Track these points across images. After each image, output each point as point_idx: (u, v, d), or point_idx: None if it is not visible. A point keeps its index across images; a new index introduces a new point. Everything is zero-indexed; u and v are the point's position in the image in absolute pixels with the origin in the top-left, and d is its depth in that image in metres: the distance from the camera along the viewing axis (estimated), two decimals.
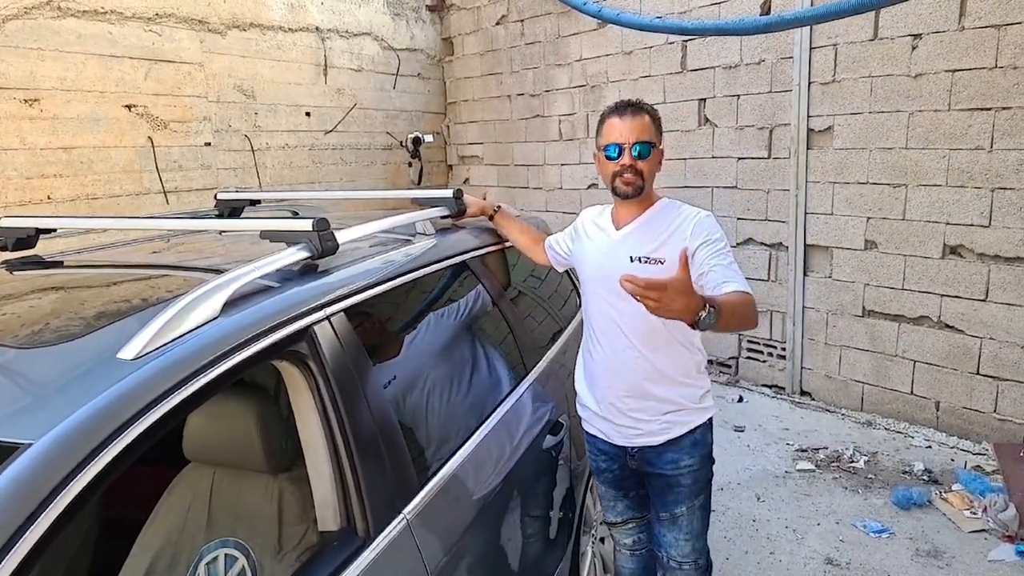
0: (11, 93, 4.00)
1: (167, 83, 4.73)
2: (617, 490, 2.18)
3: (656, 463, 2.03)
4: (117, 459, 1.10)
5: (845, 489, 3.70)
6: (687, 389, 2.01)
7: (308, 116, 5.77)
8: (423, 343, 2.00)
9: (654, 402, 1.98)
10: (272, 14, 5.41)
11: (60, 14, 4.16)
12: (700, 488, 2.05)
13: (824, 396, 4.85)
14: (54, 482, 1.01)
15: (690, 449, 2.02)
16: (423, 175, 6.73)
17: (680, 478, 2.02)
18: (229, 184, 5.14)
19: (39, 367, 1.23)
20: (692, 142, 5.33)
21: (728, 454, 4.14)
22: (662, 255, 1.90)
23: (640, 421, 2.00)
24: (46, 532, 0.97)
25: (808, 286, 4.84)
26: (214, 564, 1.65)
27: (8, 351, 1.28)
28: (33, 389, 1.17)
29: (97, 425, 1.09)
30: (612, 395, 2.02)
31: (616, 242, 2.00)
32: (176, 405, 1.20)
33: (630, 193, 1.95)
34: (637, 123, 1.92)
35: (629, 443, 2.04)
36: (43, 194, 4.17)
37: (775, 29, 4.13)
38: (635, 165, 1.92)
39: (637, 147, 1.91)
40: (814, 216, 4.74)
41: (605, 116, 1.99)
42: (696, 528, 2.05)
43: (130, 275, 1.85)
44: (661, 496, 2.06)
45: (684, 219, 1.95)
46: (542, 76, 6.30)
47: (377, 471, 1.54)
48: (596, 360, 2.06)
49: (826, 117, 4.57)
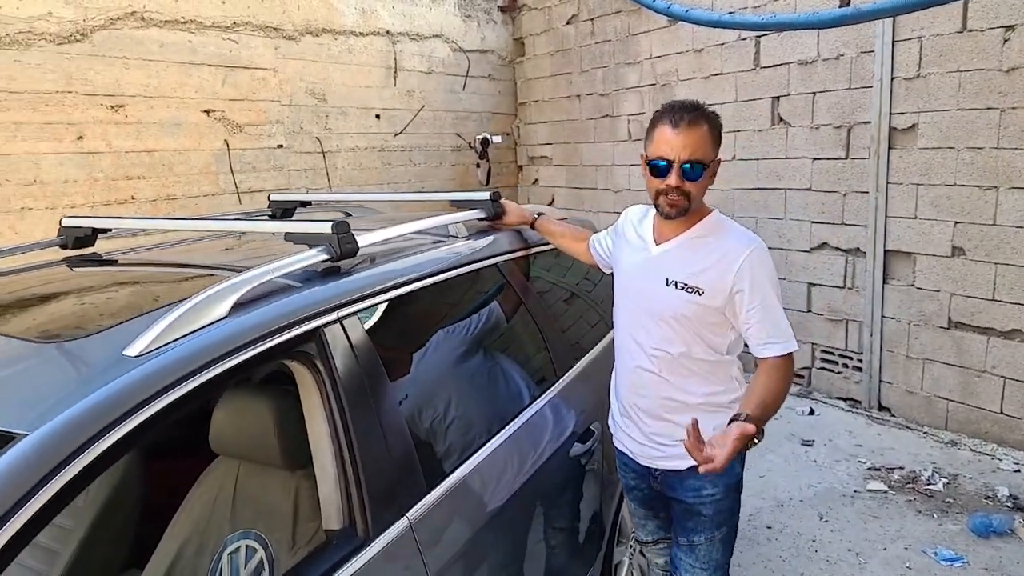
0: (99, 99, 4.25)
1: (243, 88, 4.93)
2: (647, 509, 2.09)
3: (677, 488, 1.91)
4: (109, 452, 1.13)
5: (919, 513, 3.46)
6: (713, 415, 1.81)
7: (378, 118, 5.89)
8: (442, 347, 2.00)
9: (679, 429, 1.77)
10: (344, 19, 5.55)
11: (143, 24, 4.39)
12: (723, 519, 1.92)
13: (904, 412, 4.57)
14: (43, 472, 1.05)
15: (714, 478, 1.84)
16: (491, 176, 6.76)
17: (702, 507, 1.89)
18: (300, 185, 5.30)
19: (51, 361, 1.29)
20: (765, 142, 5.13)
21: (792, 469, 3.96)
22: (702, 284, 1.76)
23: (661, 445, 1.89)
24: (31, 519, 1.01)
25: (888, 294, 4.57)
26: (236, 554, 1.70)
27: (26, 345, 1.35)
28: (40, 382, 1.23)
29: (90, 419, 1.12)
30: (634, 413, 1.94)
31: (654, 259, 1.84)
32: (173, 402, 1.23)
33: (673, 215, 1.76)
34: (692, 136, 1.69)
35: (651, 464, 1.95)
36: (127, 195, 4.42)
37: (853, 21, 3.91)
38: (682, 187, 1.71)
39: (688, 166, 1.69)
40: (895, 220, 4.47)
41: (657, 120, 1.75)
42: (715, 559, 1.93)
43: (162, 274, 1.92)
44: (681, 522, 1.95)
45: (731, 250, 1.76)
46: (611, 75, 6.21)
47: (380, 473, 1.53)
48: (620, 375, 1.98)
49: (910, 115, 4.30)
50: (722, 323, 1.81)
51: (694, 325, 1.79)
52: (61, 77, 4.08)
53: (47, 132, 4.05)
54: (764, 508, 3.55)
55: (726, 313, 1.78)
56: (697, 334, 1.81)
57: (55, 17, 4.03)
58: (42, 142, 4.03)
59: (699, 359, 1.83)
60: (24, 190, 3.99)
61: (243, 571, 1.66)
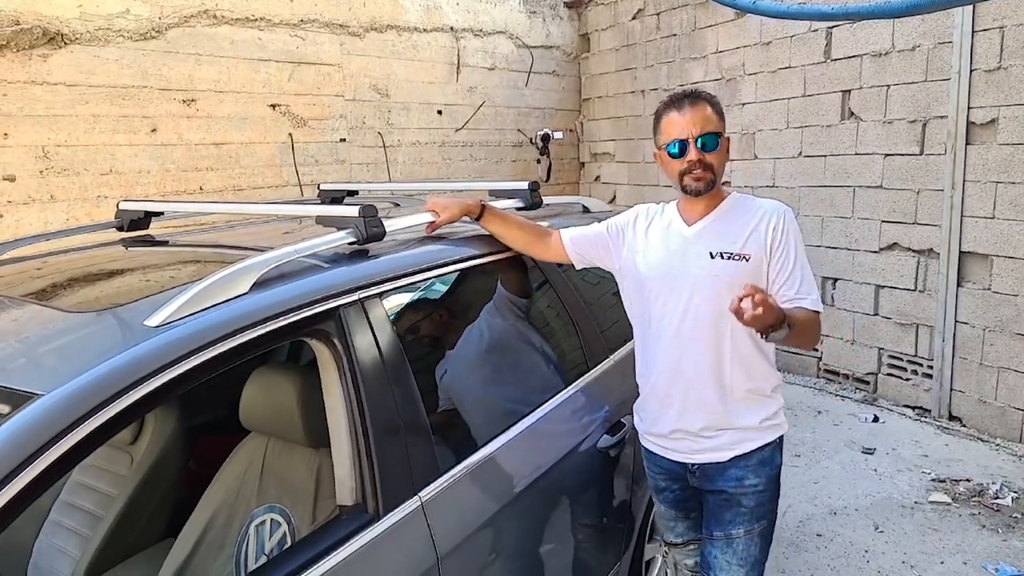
0: (172, 94, 4.46)
1: (308, 83, 5.07)
2: (678, 510, 2.03)
3: (718, 480, 1.86)
4: (121, 415, 1.18)
5: (982, 527, 3.27)
6: (760, 405, 1.84)
7: (439, 114, 5.96)
8: (468, 333, 2.00)
9: (723, 417, 1.82)
10: (408, 16, 5.64)
11: (215, 22, 4.58)
12: (763, 513, 1.87)
13: (976, 423, 4.32)
14: (56, 430, 1.10)
15: (757, 467, 1.84)
16: (552, 172, 6.74)
17: (742, 497, 1.84)
18: (361, 178, 5.42)
19: (78, 329, 1.36)
20: (832, 138, 4.94)
21: (848, 476, 3.80)
22: (746, 251, 1.77)
23: (704, 437, 1.85)
24: (39, 475, 1.07)
25: (962, 298, 4.33)
26: (262, 527, 1.76)
27: (59, 314, 1.43)
28: (64, 347, 1.30)
29: (105, 383, 1.18)
30: (676, 405, 1.87)
31: (691, 238, 1.84)
32: (187, 371, 1.27)
33: (702, 189, 1.80)
34: (699, 114, 1.78)
35: (690, 459, 1.89)
36: (196, 185, 4.62)
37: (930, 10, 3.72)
38: (703, 159, 1.77)
39: (702, 140, 1.77)
40: (972, 220, 4.23)
41: (661, 113, 1.85)
42: (753, 556, 1.87)
43: (203, 254, 2.00)
44: (718, 514, 1.89)
45: (764, 214, 1.81)
46: (676, 70, 6.10)
47: (393, 452, 1.55)
48: (657, 370, 1.89)
49: (989, 108, 4.07)
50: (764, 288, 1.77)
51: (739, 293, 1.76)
52: (137, 72, 4.30)
53: (123, 125, 4.27)
54: (815, 515, 3.42)
55: (768, 275, 1.80)
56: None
57: (133, 15, 4.24)
58: (118, 134, 4.26)
59: (743, 333, 1.77)
60: (101, 179, 4.22)
61: (268, 543, 1.72)
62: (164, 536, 2.04)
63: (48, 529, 2.04)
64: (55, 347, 1.31)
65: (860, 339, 4.95)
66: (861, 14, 4.11)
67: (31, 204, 4.02)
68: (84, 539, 1.99)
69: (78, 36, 4.07)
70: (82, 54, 4.09)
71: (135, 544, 2.01)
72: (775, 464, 1.88)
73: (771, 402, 1.87)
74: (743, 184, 5.59)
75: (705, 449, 1.86)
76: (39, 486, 1.07)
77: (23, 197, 3.99)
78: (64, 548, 2.00)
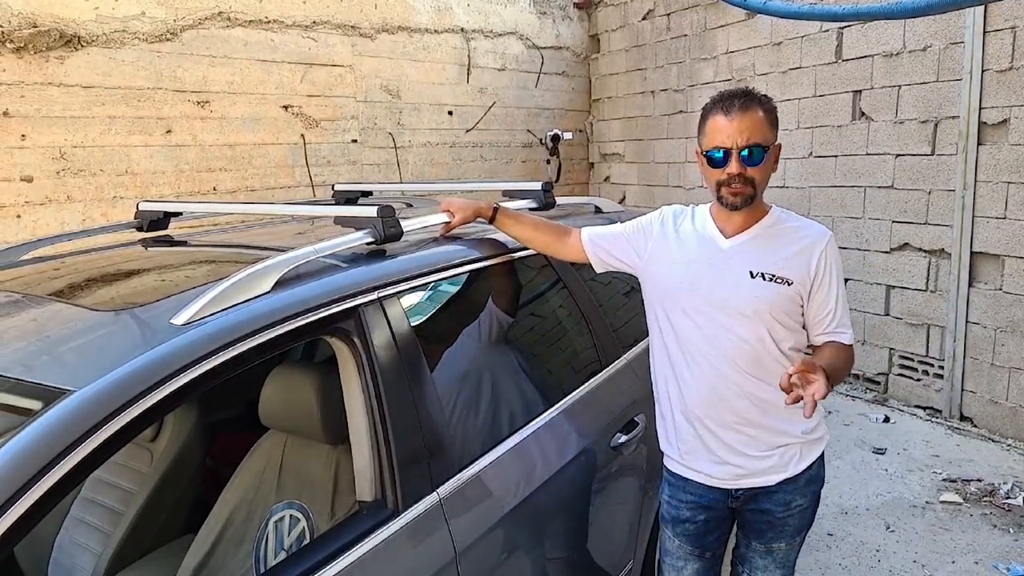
0: (186, 96, 4.50)
1: (320, 85, 5.11)
2: (693, 546, 1.87)
3: (764, 502, 1.78)
4: (148, 412, 1.21)
5: (994, 527, 3.27)
6: (800, 415, 1.68)
7: (450, 115, 5.99)
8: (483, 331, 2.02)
9: (765, 433, 1.72)
10: (419, 17, 5.67)
11: (229, 24, 4.62)
12: (805, 524, 1.84)
13: (987, 423, 4.31)
14: (87, 426, 1.13)
15: (804, 488, 1.77)
16: (562, 172, 6.76)
17: (789, 519, 1.78)
18: (373, 179, 5.45)
19: (105, 327, 1.39)
20: (844, 138, 4.93)
21: (860, 476, 3.80)
22: (788, 275, 1.67)
23: (748, 458, 1.74)
24: (71, 471, 1.09)
25: (973, 298, 4.32)
26: (281, 523, 1.78)
27: (86, 312, 1.46)
28: (93, 345, 1.33)
29: (134, 380, 1.20)
30: (711, 431, 1.75)
31: (728, 253, 1.72)
32: (212, 368, 1.30)
33: (739, 205, 1.66)
34: (748, 121, 1.62)
35: (735, 485, 1.77)
36: (210, 186, 4.66)
37: (941, 10, 3.72)
38: (744, 173, 1.62)
39: (747, 151, 1.62)
40: (983, 220, 4.22)
41: (708, 112, 1.69)
42: (791, 560, 1.87)
43: (221, 254, 2.03)
44: (760, 530, 1.82)
45: (810, 239, 1.71)
46: (686, 71, 6.11)
47: (412, 448, 1.58)
48: (689, 387, 1.77)
49: (1001, 109, 4.06)
50: (801, 313, 1.74)
51: (779, 316, 1.70)
52: (152, 74, 4.34)
53: (138, 126, 4.32)
54: (827, 515, 3.42)
55: (805, 301, 1.72)
56: (781, 325, 1.70)
57: (148, 17, 4.29)
58: (133, 135, 4.30)
59: (783, 351, 1.72)
60: (116, 180, 4.27)
61: (287, 539, 1.74)
62: (184, 532, 2.07)
63: (69, 525, 2.08)
64: (83, 345, 1.33)
65: (871, 339, 4.95)
66: (872, 15, 4.12)
67: (48, 205, 4.07)
68: (105, 535, 2.02)
69: (94, 38, 4.11)
70: (98, 56, 4.14)
71: (155, 540, 2.04)
72: (820, 479, 1.83)
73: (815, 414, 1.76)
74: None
75: (754, 473, 1.75)
76: (73, 479, 1.10)
77: (40, 198, 4.04)
78: (85, 544, 2.03)
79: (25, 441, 1.08)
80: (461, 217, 2.00)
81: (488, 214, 2.03)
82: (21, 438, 1.08)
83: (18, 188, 3.96)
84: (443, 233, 2.01)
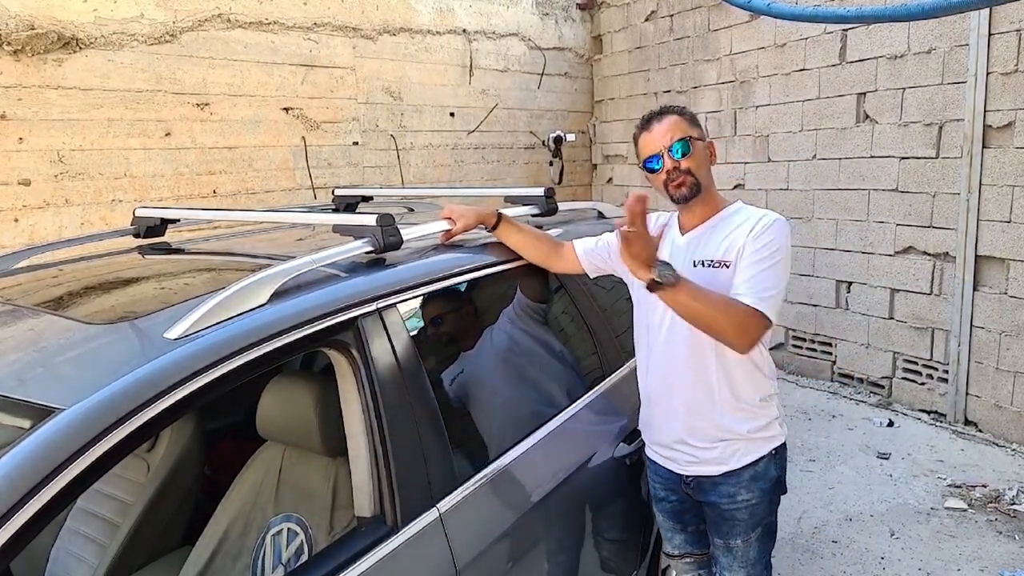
0: (186, 98, 4.47)
1: (321, 87, 5.08)
2: (675, 521, 2.01)
3: (711, 494, 1.87)
4: (141, 430, 1.18)
5: (999, 534, 3.24)
6: (748, 416, 1.81)
7: (452, 116, 5.96)
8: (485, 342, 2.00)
9: (709, 427, 1.81)
10: (421, 19, 5.64)
11: (229, 26, 4.59)
12: (758, 521, 1.87)
13: (992, 427, 4.28)
14: (77, 446, 1.10)
15: (749, 483, 1.83)
16: (564, 174, 6.73)
17: (736, 512, 1.85)
18: (374, 181, 5.42)
19: (97, 341, 1.36)
20: (847, 140, 4.90)
21: (864, 482, 3.77)
22: (729, 258, 1.74)
23: (695, 448, 1.84)
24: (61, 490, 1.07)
25: (978, 302, 4.29)
26: (279, 536, 1.75)
27: (77, 325, 1.43)
28: (84, 360, 1.30)
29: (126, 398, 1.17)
30: (669, 416, 1.87)
31: (680, 248, 1.84)
32: (207, 384, 1.27)
33: (688, 195, 1.77)
34: (666, 124, 1.78)
35: (684, 471, 1.89)
36: (209, 189, 4.63)
37: (946, 13, 3.69)
38: (678, 165, 1.76)
39: (674, 147, 1.76)
40: (988, 223, 4.19)
41: (636, 137, 1.87)
42: (752, 556, 1.89)
43: (218, 263, 2.00)
44: (716, 525, 1.91)
45: (751, 217, 1.77)
46: (689, 72, 6.08)
47: (412, 463, 1.55)
48: (651, 377, 1.91)
49: (1006, 112, 4.03)
50: None
51: None
52: (151, 76, 4.31)
53: (137, 128, 4.29)
54: (831, 521, 3.39)
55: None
56: None
57: (147, 19, 4.26)
58: (132, 138, 4.28)
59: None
60: (115, 183, 4.24)
61: (284, 553, 1.71)
62: (181, 544, 2.04)
63: (65, 536, 2.05)
64: (74, 359, 1.31)
65: (875, 343, 4.92)
66: (876, 17, 4.08)
67: (46, 208, 4.04)
68: (101, 547, 1.99)
69: (93, 40, 4.09)
70: (97, 58, 4.11)
71: (152, 552, 2.01)
72: (769, 478, 1.85)
73: (761, 412, 1.83)
74: (757, 187, 5.57)
75: (700, 461, 1.85)
76: (61, 501, 1.07)
77: (38, 201, 4.01)
78: (81, 555, 2.01)
79: (14, 462, 1.05)
80: (463, 224, 2.00)
81: (491, 222, 2.04)
82: (9, 459, 1.05)
83: (16, 192, 3.94)
84: (444, 240, 1.99)
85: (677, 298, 1.61)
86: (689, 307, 1.62)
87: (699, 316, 1.63)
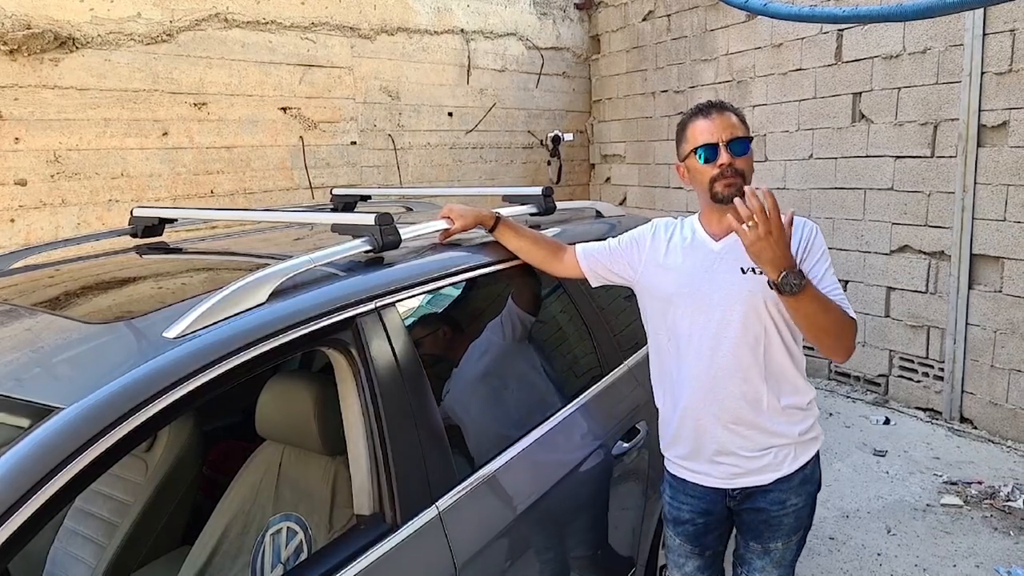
0: (183, 98, 4.47)
1: (319, 86, 5.08)
2: (694, 545, 1.91)
3: (759, 500, 1.81)
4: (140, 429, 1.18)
5: (994, 530, 3.25)
6: (799, 418, 1.78)
7: (450, 116, 5.96)
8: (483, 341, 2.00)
9: (759, 434, 1.75)
10: (419, 18, 5.64)
11: (227, 25, 4.59)
12: (801, 523, 1.85)
13: (988, 425, 4.30)
14: (77, 445, 1.10)
15: (798, 487, 1.79)
16: (562, 174, 6.74)
17: (783, 517, 1.81)
18: (372, 181, 5.42)
19: (97, 340, 1.37)
20: (844, 140, 4.92)
21: (861, 479, 3.79)
22: None
23: (742, 458, 1.77)
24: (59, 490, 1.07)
25: (973, 300, 4.31)
26: (278, 536, 1.76)
27: (77, 325, 1.44)
28: (83, 359, 1.30)
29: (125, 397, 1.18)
30: (709, 428, 1.78)
31: (720, 254, 1.77)
32: (206, 383, 1.28)
33: (732, 196, 1.66)
34: (726, 120, 1.73)
35: (730, 484, 1.80)
36: (207, 189, 4.63)
37: (941, 13, 3.70)
38: (734, 163, 1.71)
39: (734, 143, 1.72)
40: (983, 222, 4.21)
41: (687, 122, 1.80)
42: (789, 558, 1.87)
43: (217, 262, 2.00)
44: (756, 530, 1.84)
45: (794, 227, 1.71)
46: (687, 72, 6.09)
47: (411, 461, 1.55)
48: (684, 389, 1.80)
49: (1001, 111, 4.05)
50: None
51: (772, 310, 1.72)
52: (148, 76, 4.31)
53: (134, 128, 4.29)
54: (828, 518, 3.41)
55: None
56: (781, 315, 1.73)
57: (144, 19, 4.25)
58: (129, 138, 4.27)
59: (777, 349, 1.75)
60: (112, 183, 4.24)
61: (284, 552, 1.72)
62: (180, 544, 2.05)
63: (63, 536, 2.05)
64: (73, 358, 1.31)
65: (871, 341, 4.93)
66: (872, 17, 4.09)
67: (42, 208, 4.04)
68: (99, 547, 1.99)
69: (89, 40, 4.08)
70: (93, 58, 4.11)
71: (151, 551, 2.02)
72: (815, 480, 1.85)
73: (808, 415, 1.81)
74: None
75: (747, 472, 1.78)
76: (60, 500, 1.08)
77: (35, 201, 4.01)
78: (79, 556, 2.01)
79: (13, 461, 1.05)
80: (461, 224, 2.00)
81: (489, 223, 2.03)
82: (9, 458, 1.05)
83: (12, 192, 3.93)
84: (442, 239, 2.00)
85: (803, 311, 1.59)
86: (817, 321, 1.61)
87: (826, 327, 1.62)
